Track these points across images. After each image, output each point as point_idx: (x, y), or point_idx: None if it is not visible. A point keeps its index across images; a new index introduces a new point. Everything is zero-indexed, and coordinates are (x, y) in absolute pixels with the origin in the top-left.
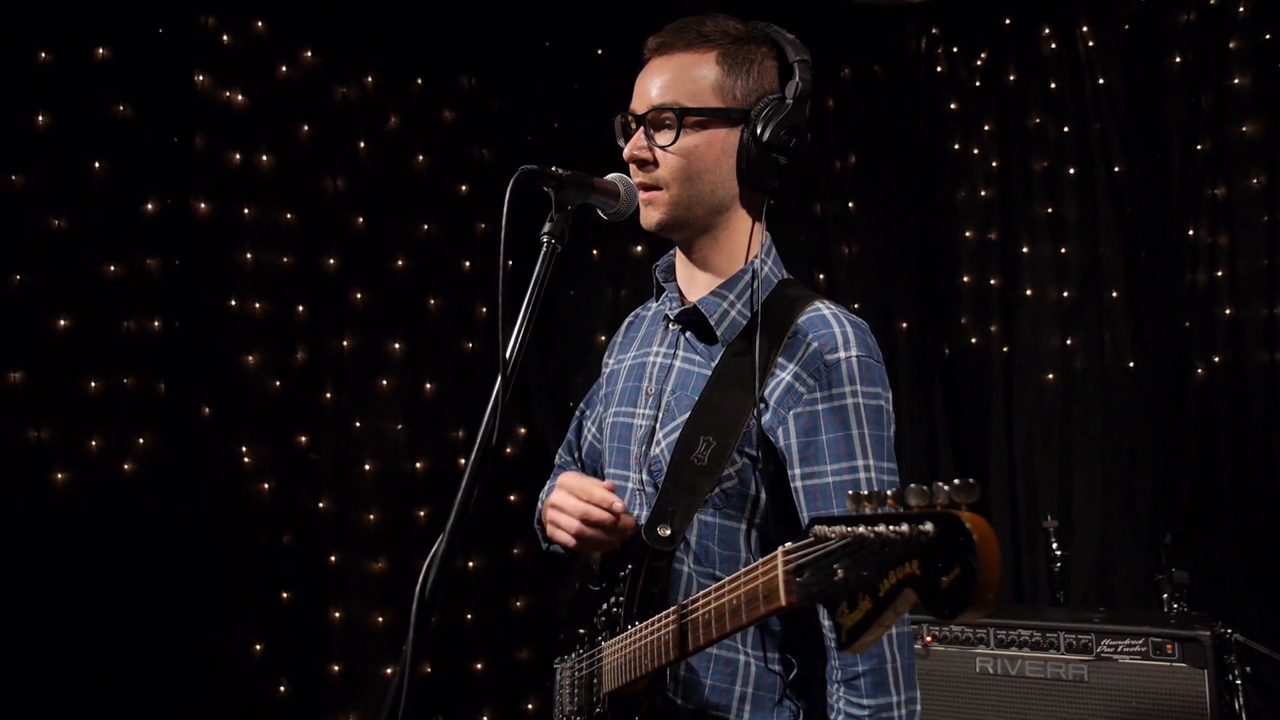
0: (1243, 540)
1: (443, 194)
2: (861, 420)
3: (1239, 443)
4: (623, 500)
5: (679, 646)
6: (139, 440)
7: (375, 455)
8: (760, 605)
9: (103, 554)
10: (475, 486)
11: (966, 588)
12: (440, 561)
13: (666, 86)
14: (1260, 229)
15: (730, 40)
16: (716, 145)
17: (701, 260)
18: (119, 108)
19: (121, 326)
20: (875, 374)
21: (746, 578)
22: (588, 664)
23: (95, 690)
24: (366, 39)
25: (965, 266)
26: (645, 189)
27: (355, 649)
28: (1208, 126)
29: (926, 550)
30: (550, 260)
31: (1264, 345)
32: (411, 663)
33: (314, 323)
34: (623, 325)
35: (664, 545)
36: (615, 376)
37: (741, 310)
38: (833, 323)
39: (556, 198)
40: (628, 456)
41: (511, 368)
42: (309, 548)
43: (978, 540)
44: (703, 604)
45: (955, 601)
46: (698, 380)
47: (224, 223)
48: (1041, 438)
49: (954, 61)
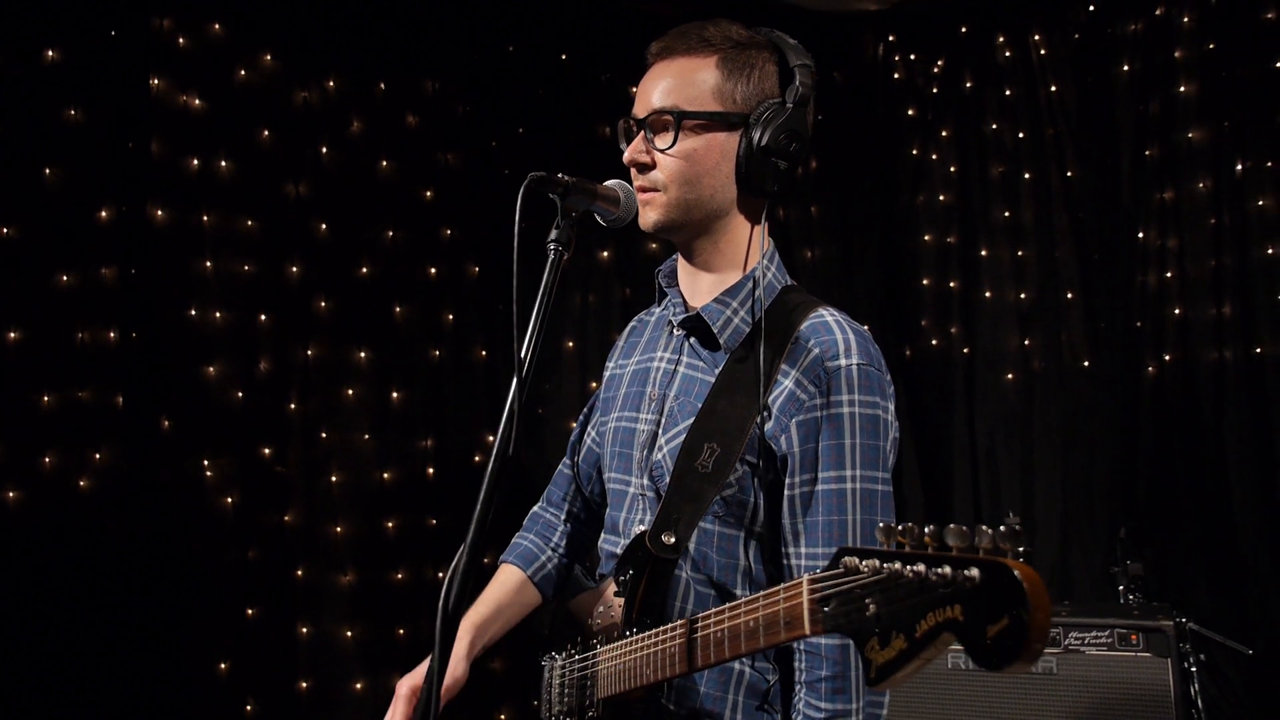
0: (1195, 532)
1: (408, 200)
2: (856, 429)
3: (1190, 438)
4: (622, 508)
5: (687, 661)
6: (96, 456)
7: (342, 466)
8: (781, 631)
9: (59, 575)
10: (494, 497)
11: (1017, 640)
12: (463, 574)
13: (666, 91)
14: (1207, 232)
15: (732, 45)
16: (715, 149)
17: (703, 264)
18: (71, 112)
19: (76, 338)
20: (875, 382)
21: (766, 601)
22: (580, 666)
23: (55, 715)
24: (327, 42)
25: (926, 269)
26: (644, 190)
27: (324, 665)
28: (1156, 133)
29: (971, 596)
30: (558, 268)
31: (1212, 344)
32: (439, 678)
33: (277, 332)
34: (625, 330)
35: (668, 553)
36: (618, 381)
37: (744, 317)
38: (835, 329)
39: (562, 205)
40: (629, 461)
41: (527, 374)
42: (275, 562)
43: (1029, 593)
44: (715, 622)
45: (1004, 653)
46: (701, 386)
47: (182, 230)
48: (1003, 436)
49: (911, 69)
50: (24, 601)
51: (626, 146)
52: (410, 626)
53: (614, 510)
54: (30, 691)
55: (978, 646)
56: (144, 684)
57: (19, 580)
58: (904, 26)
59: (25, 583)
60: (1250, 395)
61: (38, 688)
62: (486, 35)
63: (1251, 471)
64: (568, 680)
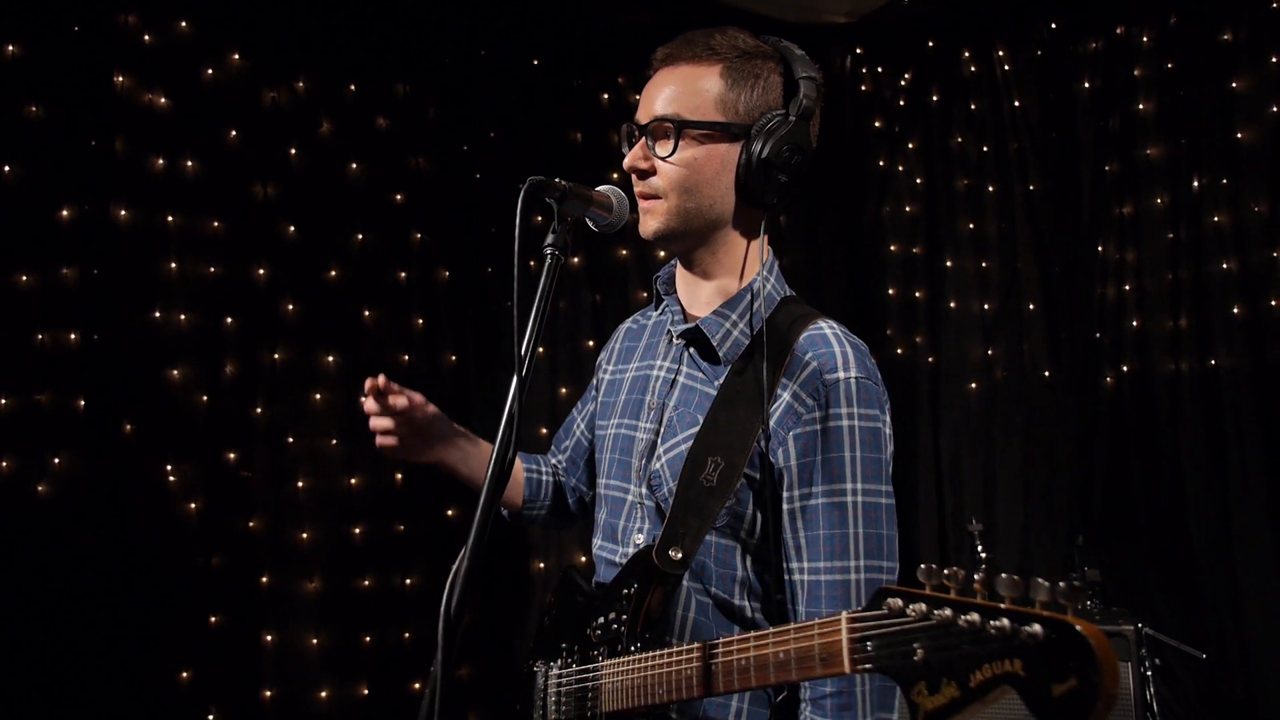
0: (1151, 539)
1: (378, 203)
2: (855, 443)
3: (1146, 447)
4: (620, 516)
5: (704, 686)
6: (55, 460)
7: (309, 472)
8: (817, 666)
9: (16, 582)
10: (496, 500)
11: (1087, 702)
12: (464, 578)
13: (669, 98)
14: (1164, 245)
15: (737, 55)
16: (716, 159)
17: (702, 273)
18: (32, 108)
19: (35, 340)
20: (873, 396)
21: (798, 634)
22: (580, 677)
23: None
24: (297, 43)
25: (892, 279)
26: (644, 198)
27: (289, 673)
28: (1115, 148)
29: (1033, 654)
30: (555, 272)
31: (1169, 355)
32: (442, 684)
33: (244, 335)
34: (619, 333)
35: (675, 569)
36: (617, 387)
37: (743, 330)
38: (833, 342)
39: (559, 209)
40: (628, 469)
41: (526, 376)
42: (240, 569)
43: (1099, 656)
44: (740, 649)
45: (1071, 713)
46: (701, 398)
47: (147, 231)
48: (967, 444)
49: (879, 81)
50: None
51: (628, 151)
52: (377, 634)
53: (611, 517)
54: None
55: (1041, 703)
56: (105, 693)
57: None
58: (872, 39)
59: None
60: (1205, 406)
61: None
62: (458, 39)
63: (1205, 480)
64: (565, 690)
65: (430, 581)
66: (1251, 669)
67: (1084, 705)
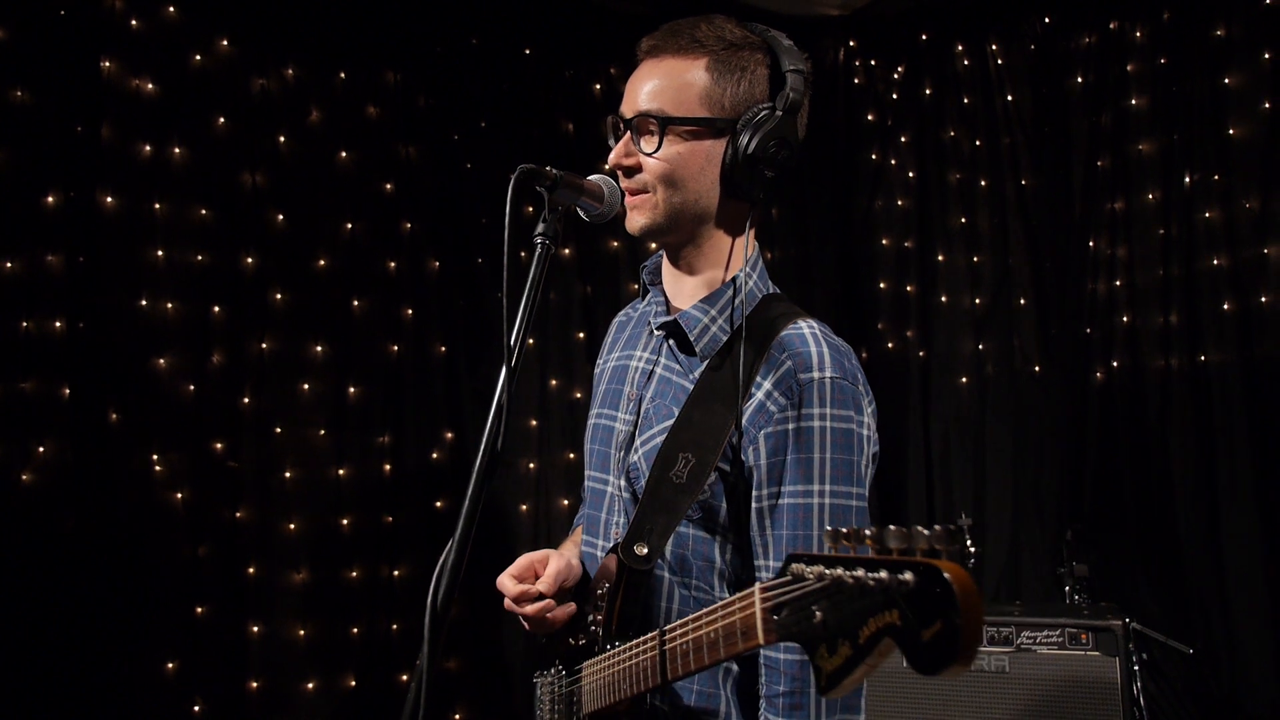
0: (1139, 535)
1: (367, 192)
2: (826, 444)
3: (1136, 443)
4: (601, 508)
5: (659, 675)
6: (40, 449)
7: (296, 462)
8: (739, 642)
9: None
10: (483, 492)
11: (950, 643)
12: (451, 570)
13: (653, 93)
14: (1156, 242)
15: (724, 46)
16: (701, 154)
17: (687, 268)
18: (17, 93)
19: (20, 327)
20: (849, 396)
21: (724, 611)
22: (567, 682)
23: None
24: (287, 30)
25: (883, 273)
26: (631, 193)
27: (275, 664)
28: (1107, 144)
29: (906, 600)
30: (545, 261)
31: (1159, 351)
32: (428, 676)
33: (231, 324)
34: (613, 324)
35: (640, 564)
36: (601, 377)
37: (723, 325)
38: (810, 342)
39: (549, 198)
40: (608, 460)
41: (515, 366)
42: (226, 559)
43: (959, 594)
44: (681, 634)
45: (937, 656)
46: (677, 391)
47: (133, 218)
48: (957, 439)
49: (872, 74)
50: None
51: (614, 144)
52: (365, 625)
53: (593, 509)
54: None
55: (914, 651)
56: (90, 683)
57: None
58: (865, 32)
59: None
60: (1194, 402)
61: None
62: (449, 27)
63: (1193, 476)
64: (556, 696)
65: (418, 573)
66: (1238, 664)
67: (948, 647)
